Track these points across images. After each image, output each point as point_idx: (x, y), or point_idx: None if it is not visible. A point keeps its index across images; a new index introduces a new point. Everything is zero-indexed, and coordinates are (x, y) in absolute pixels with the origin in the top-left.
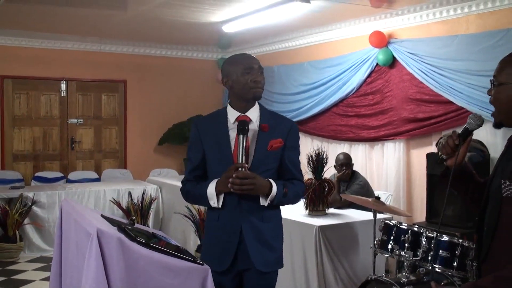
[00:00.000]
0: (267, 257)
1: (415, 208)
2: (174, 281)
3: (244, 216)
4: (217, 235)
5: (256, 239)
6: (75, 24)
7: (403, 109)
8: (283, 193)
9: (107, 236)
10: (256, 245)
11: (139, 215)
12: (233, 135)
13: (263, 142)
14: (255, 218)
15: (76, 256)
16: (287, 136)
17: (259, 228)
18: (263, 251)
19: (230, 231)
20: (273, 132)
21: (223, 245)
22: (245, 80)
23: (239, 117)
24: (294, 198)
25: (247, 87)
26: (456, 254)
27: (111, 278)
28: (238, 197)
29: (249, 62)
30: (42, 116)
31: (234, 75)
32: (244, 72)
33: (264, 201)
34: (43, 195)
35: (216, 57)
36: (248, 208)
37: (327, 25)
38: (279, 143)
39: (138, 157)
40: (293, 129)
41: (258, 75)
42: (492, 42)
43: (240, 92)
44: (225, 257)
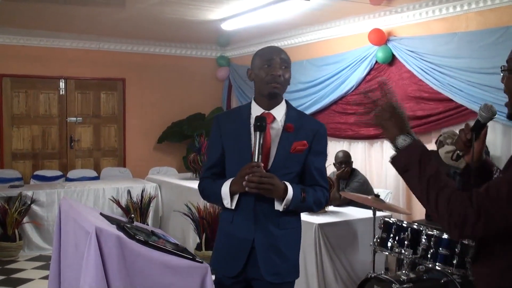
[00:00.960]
0: (278, 267)
1: (415, 206)
2: (173, 279)
3: (258, 220)
4: (229, 238)
5: (268, 247)
6: (73, 22)
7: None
8: (300, 198)
9: (106, 234)
10: (267, 253)
11: (138, 213)
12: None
13: (286, 143)
14: (271, 223)
15: (75, 255)
16: (313, 139)
17: (273, 235)
18: (274, 260)
19: (243, 236)
20: (298, 133)
21: (235, 249)
22: (263, 74)
23: (262, 114)
24: (315, 204)
25: (264, 81)
26: (456, 252)
27: (110, 276)
28: (254, 200)
29: (270, 54)
30: (41, 115)
31: (257, 68)
32: (263, 65)
33: (279, 205)
34: (42, 193)
35: (215, 55)
36: (264, 212)
37: (326, 22)
38: (303, 146)
39: (137, 156)
40: (321, 132)
41: (277, 69)
42: (492, 39)
43: (258, 87)
44: (235, 263)
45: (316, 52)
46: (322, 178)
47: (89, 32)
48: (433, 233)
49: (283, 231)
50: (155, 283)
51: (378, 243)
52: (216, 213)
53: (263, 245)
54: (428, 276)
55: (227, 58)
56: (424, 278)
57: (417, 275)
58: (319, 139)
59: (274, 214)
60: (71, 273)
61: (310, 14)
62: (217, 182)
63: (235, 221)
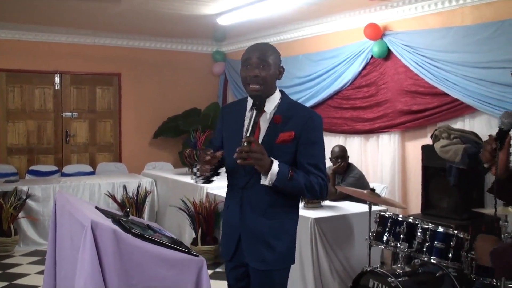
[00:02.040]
0: (263, 256)
1: (410, 200)
2: (169, 273)
3: (244, 209)
4: (226, 224)
5: (252, 235)
6: (69, 17)
7: (398, 101)
8: (287, 175)
9: (101, 228)
10: (251, 241)
11: (134, 208)
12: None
13: (272, 133)
14: (257, 212)
15: (70, 248)
16: (302, 129)
17: (258, 224)
18: (258, 249)
19: (234, 222)
20: (286, 124)
21: (228, 235)
22: (242, 76)
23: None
24: (306, 188)
25: (244, 83)
26: (451, 246)
27: (106, 269)
28: (242, 188)
29: (247, 54)
30: (36, 110)
31: (240, 68)
32: (242, 66)
33: (264, 179)
34: (38, 188)
35: (211, 50)
36: (250, 201)
37: (322, 17)
38: (288, 137)
39: (133, 151)
40: (310, 122)
41: (253, 69)
42: (488, 33)
43: (243, 86)
44: (228, 248)
45: (312, 46)
46: (314, 167)
47: (85, 26)
48: (428, 226)
49: (269, 221)
50: (151, 276)
51: (373, 237)
52: (212, 208)
53: (247, 233)
54: (423, 270)
55: (223, 53)
56: (419, 272)
57: (413, 268)
58: (308, 129)
59: (260, 203)
60: (67, 266)
61: (306, 9)
62: None
63: (230, 208)
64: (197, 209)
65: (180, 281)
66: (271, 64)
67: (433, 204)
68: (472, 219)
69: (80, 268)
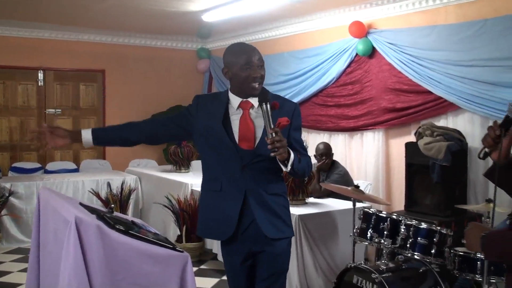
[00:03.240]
0: (276, 223)
1: (394, 197)
2: (154, 269)
3: (248, 185)
4: (218, 204)
5: (263, 207)
6: (52, 12)
7: (382, 99)
8: (298, 158)
9: (85, 224)
10: (263, 213)
11: (118, 205)
12: (236, 119)
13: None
14: (260, 188)
15: (54, 245)
16: (292, 116)
17: (264, 198)
18: (270, 217)
19: (233, 199)
20: (280, 111)
21: (224, 212)
22: (244, 76)
23: (242, 103)
24: (307, 167)
25: (246, 83)
26: (435, 242)
27: (90, 266)
28: (242, 167)
29: (249, 56)
30: (19, 106)
31: (234, 68)
32: (243, 67)
33: (284, 167)
34: (21, 185)
35: (196, 47)
36: (252, 178)
37: (307, 15)
38: (286, 122)
39: (117, 148)
40: (297, 110)
41: (257, 70)
42: (471, 32)
43: (239, 86)
44: (227, 225)
45: (297, 44)
46: (303, 149)
47: (69, 22)
48: (411, 223)
49: (270, 196)
50: (135, 272)
51: (358, 234)
52: (196, 205)
53: (256, 204)
54: (407, 266)
55: (208, 50)
56: (403, 268)
57: (396, 264)
58: (297, 116)
59: (263, 180)
60: (51, 262)
61: (291, 6)
62: (116, 127)
63: (224, 188)
64: (182, 206)
65: (165, 277)
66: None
67: (416, 200)
68: (455, 215)
69: (64, 264)
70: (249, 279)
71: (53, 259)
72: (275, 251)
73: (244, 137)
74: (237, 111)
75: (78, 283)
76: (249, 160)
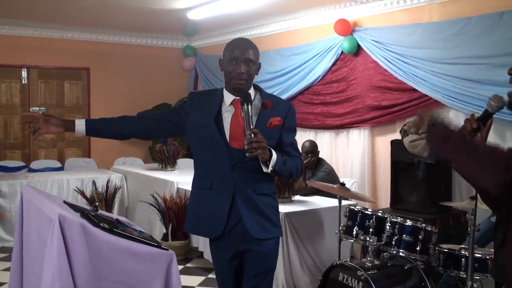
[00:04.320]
0: (264, 225)
1: (380, 194)
2: (138, 267)
3: (237, 185)
4: (207, 202)
5: (250, 207)
6: (36, 10)
7: (367, 97)
8: (282, 160)
9: (69, 222)
10: (250, 212)
11: (103, 204)
12: (228, 117)
13: (263, 119)
14: (249, 187)
15: (37, 243)
16: (286, 116)
17: (252, 198)
18: (257, 217)
19: (222, 197)
20: (272, 110)
21: (213, 211)
22: (228, 70)
23: (234, 100)
24: (295, 169)
25: (229, 77)
26: (419, 239)
27: (74, 264)
28: (232, 166)
29: (238, 51)
30: (2, 104)
31: (225, 61)
32: (230, 61)
33: (266, 168)
34: (4, 184)
35: (181, 45)
36: (242, 178)
37: (292, 13)
38: (278, 122)
39: (102, 146)
40: (291, 110)
41: (242, 66)
42: (455, 30)
43: (226, 80)
44: (215, 223)
45: (282, 42)
46: (295, 151)
47: (53, 20)
48: (397, 220)
49: (259, 196)
50: (120, 270)
51: (343, 231)
52: (182, 203)
53: (244, 204)
54: (392, 263)
55: (194, 48)
56: (388, 265)
57: (382, 261)
58: (290, 116)
59: (251, 179)
60: (34, 261)
61: (276, 4)
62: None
63: (214, 186)
64: (168, 205)
65: (149, 275)
66: (254, 62)
67: (401, 198)
68: (440, 212)
69: (47, 263)
70: (237, 277)
71: (37, 258)
72: (262, 250)
73: (234, 136)
74: (229, 108)
75: (62, 282)
76: (239, 159)
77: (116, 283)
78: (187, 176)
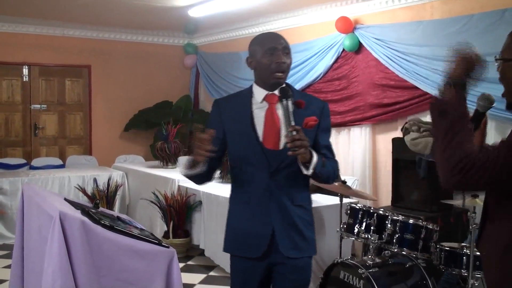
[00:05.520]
0: (297, 243)
1: (381, 192)
2: (139, 264)
3: (273, 193)
4: (248, 218)
5: (284, 220)
6: (37, 7)
7: (369, 95)
8: (321, 162)
9: (70, 219)
10: (283, 225)
11: (105, 201)
12: (260, 114)
13: (297, 119)
14: (285, 197)
15: (38, 240)
16: (320, 116)
17: (288, 210)
18: (293, 236)
19: (262, 210)
20: (306, 110)
21: (255, 228)
22: (267, 62)
23: (267, 96)
24: (332, 172)
25: (269, 70)
26: (421, 237)
27: (75, 261)
28: (268, 171)
29: (272, 42)
30: (3, 102)
31: (258, 55)
32: (266, 52)
33: (305, 169)
34: (6, 181)
35: (182, 42)
36: (278, 186)
37: (293, 10)
38: (314, 121)
39: (104, 144)
40: (326, 109)
41: (281, 56)
42: (457, 27)
43: (262, 75)
44: (259, 242)
45: None
46: (331, 153)
47: (54, 17)
48: (398, 218)
49: (296, 208)
50: (121, 267)
51: (344, 229)
52: (183, 201)
53: (279, 218)
54: (393, 261)
55: (195, 45)
56: (389, 263)
57: (383, 260)
58: (325, 116)
59: (290, 189)
60: (35, 258)
61: (277, 2)
62: None
63: (253, 200)
64: (169, 202)
65: (150, 272)
66: (290, 51)
67: (403, 196)
68: (441, 210)
69: (48, 260)
70: None
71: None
72: (298, 264)
73: (269, 135)
74: (262, 105)
75: (62, 279)
76: (277, 164)
77: (117, 281)
78: None
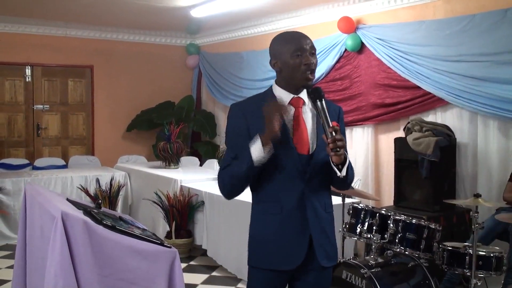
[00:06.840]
0: (327, 248)
1: (383, 192)
2: (141, 264)
3: (309, 202)
4: (281, 229)
5: (320, 229)
6: (39, 7)
7: (371, 95)
8: (350, 163)
9: (72, 219)
10: (320, 236)
11: (107, 201)
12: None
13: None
14: (319, 205)
15: (40, 240)
16: (338, 119)
17: (322, 218)
18: (325, 243)
19: (297, 222)
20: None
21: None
22: (295, 64)
23: (293, 99)
24: (352, 177)
25: (297, 72)
26: (423, 237)
27: (77, 261)
28: (304, 182)
29: (300, 42)
30: (6, 102)
31: (283, 56)
32: (294, 54)
33: (339, 171)
34: (8, 182)
35: (184, 42)
36: (311, 193)
37: (296, 10)
38: (336, 125)
39: (106, 144)
40: (341, 113)
41: (309, 57)
42: (459, 27)
43: (289, 77)
44: (296, 252)
45: None
46: None
47: (56, 18)
48: (400, 218)
49: (327, 214)
50: (122, 267)
51: (347, 229)
52: (186, 201)
53: (317, 229)
54: (396, 261)
55: (197, 46)
56: (392, 263)
57: (385, 259)
58: (341, 120)
59: (322, 195)
60: (37, 258)
61: (280, 2)
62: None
63: (285, 211)
64: (171, 202)
65: (152, 272)
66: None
67: (405, 196)
68: (444, 210)
69: (50, 260)
70: None
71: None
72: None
73: (300, 140)
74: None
75: (65, 279)
76: (311, 169)
77: (119, 281)
78: (190, 174)
